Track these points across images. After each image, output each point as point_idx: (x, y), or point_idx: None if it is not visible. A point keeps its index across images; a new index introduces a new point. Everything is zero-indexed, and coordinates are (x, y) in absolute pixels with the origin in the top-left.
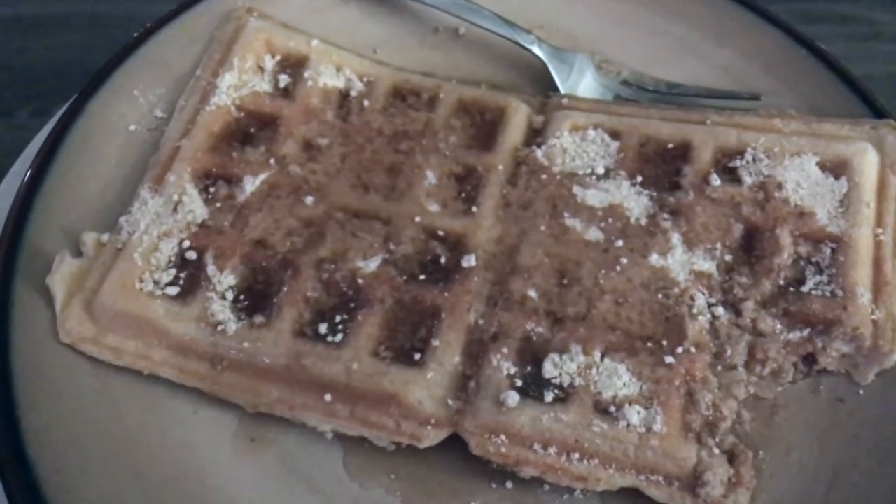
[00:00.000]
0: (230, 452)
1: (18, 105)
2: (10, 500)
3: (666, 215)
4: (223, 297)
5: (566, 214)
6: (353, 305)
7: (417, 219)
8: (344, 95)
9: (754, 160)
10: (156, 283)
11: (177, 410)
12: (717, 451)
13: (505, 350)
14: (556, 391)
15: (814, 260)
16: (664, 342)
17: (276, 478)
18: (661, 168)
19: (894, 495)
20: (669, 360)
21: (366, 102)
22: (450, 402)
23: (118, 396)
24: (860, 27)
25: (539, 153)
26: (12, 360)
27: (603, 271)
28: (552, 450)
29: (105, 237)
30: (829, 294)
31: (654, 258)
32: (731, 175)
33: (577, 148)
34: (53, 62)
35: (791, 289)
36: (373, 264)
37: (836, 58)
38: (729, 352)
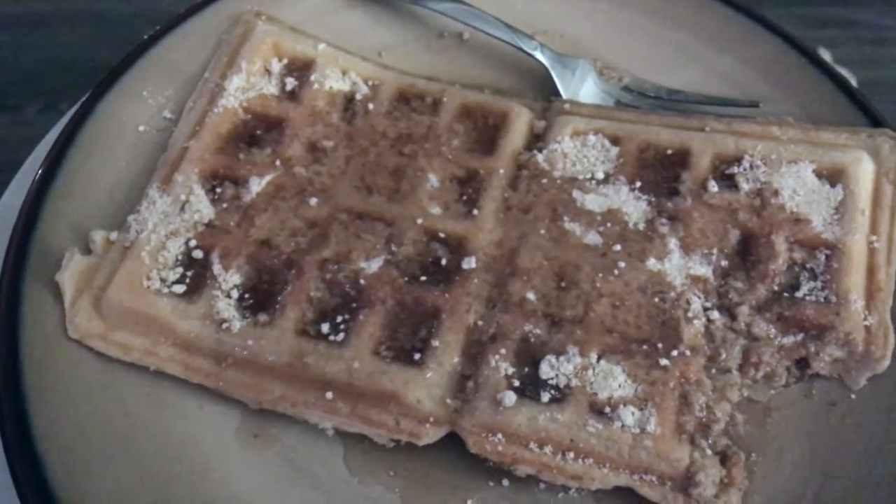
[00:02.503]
0: (234, 448)
1: (26, 101)
2: (19, 492)
3: (664, 220)
4: (228, 296)
5: (566, 218)
6: (355, 305)
7: (419, 221)
8: (349, 99)
9: (752, 167)
10: (163, 281)
11: (182, 406)
12: (709, 452)
13: (503, 351)
14: (552, 392)
15: (808, 266)
16: (660, 345)
17: (279, 473)
18: (660, 174)
19: (883, 497)
20: (664, 362)
21: (370, 106)
22: (448, 401)
23: (125, 391)
24: (867, 32)
25: (540, 158)
26: (22, 354)
27: (601, 275)
28: (548, 449)
29: (114, 235)
30: (822, 300)
31: (652, 262)
32: (729, 182)
33: (577, 153)
34: (61, 59)
35: (785, 294)
36: (375, 265)
37: (834, 67)
38: (723, 355)
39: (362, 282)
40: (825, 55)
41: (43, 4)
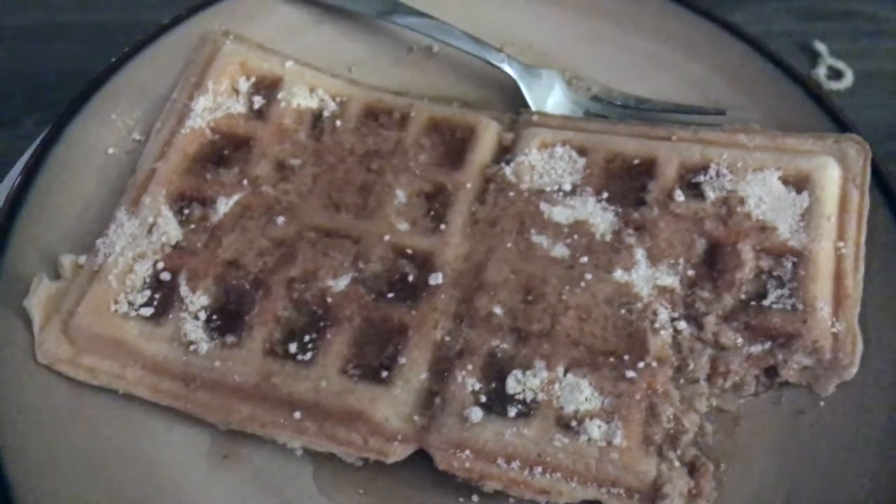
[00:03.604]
0: (204, 469)
1: (24, 114)
2: None
3: (630, 231)
4: (196, 318)
5: (533, 231)
6: (322, 324)
7: (387, 237)
8: (317, 116)
9: (718, 175)
10: (130, 304)
11: (151, 429)
12: (677, 463)
13: (470, 366)
14: (519, 406)
15: (775, 274)
16: (626, 357)
17: (249, 493)
18: (627, 184)
19: None
20: (631, 374)
21: (338, 122)
22: (416, 418)
23: (94, 415)
24: (864, 23)
25: (507, 171)
26: None
27: (567, 287)
28: (515, 464)
29: (82, 259)
30: (789, 308)
31: (619, 274)
32: (695, 190)
33: (544, 165)
34: (59, 71)
35: (752, 303)
36: (342, 283)
37: (802, 72)
38: (691, 365)
39: (329, 300)
40: (821, 48)
41: (39, 17)
